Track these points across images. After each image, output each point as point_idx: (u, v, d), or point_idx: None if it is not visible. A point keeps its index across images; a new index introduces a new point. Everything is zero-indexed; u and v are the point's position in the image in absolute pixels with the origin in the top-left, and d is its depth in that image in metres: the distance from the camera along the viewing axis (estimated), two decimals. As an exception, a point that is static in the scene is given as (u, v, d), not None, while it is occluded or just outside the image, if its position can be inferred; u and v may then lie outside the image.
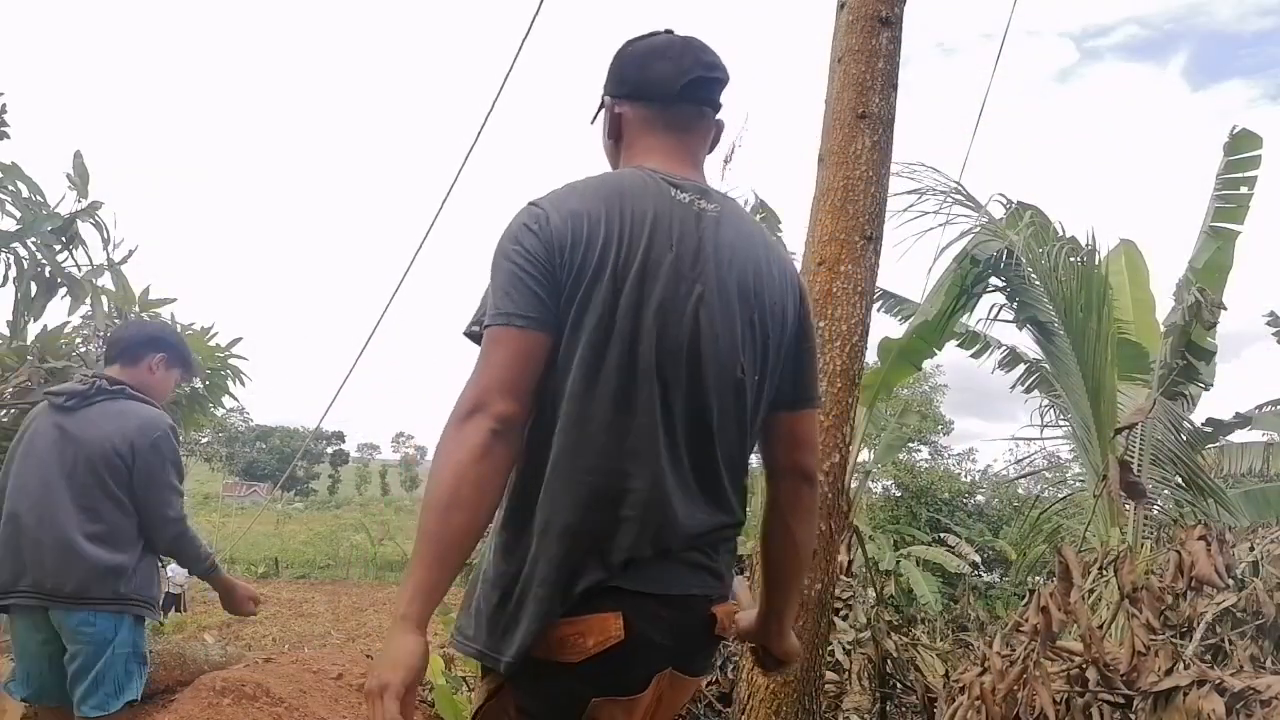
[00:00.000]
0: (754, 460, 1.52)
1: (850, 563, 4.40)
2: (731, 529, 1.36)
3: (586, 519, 1.21)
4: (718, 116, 1.47)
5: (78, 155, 5.16)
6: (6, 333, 5.38)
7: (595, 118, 1.51)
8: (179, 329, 5.94)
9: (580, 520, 1.21)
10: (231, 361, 6.23)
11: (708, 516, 1.31)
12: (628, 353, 1.24)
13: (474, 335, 1.29)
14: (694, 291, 1.28)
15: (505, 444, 1.18)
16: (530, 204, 1.30)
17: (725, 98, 1.46)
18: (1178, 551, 2.83)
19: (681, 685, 1.34)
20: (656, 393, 1.25)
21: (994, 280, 5.96)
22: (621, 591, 1.22)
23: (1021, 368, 7.23)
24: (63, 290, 5.16)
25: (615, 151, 1.47)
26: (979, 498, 19.83)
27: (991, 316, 6.37)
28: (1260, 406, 7.42)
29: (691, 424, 1.28)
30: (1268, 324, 8.15)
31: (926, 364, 7.72)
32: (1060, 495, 8.14)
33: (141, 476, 2.44)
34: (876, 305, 6.60)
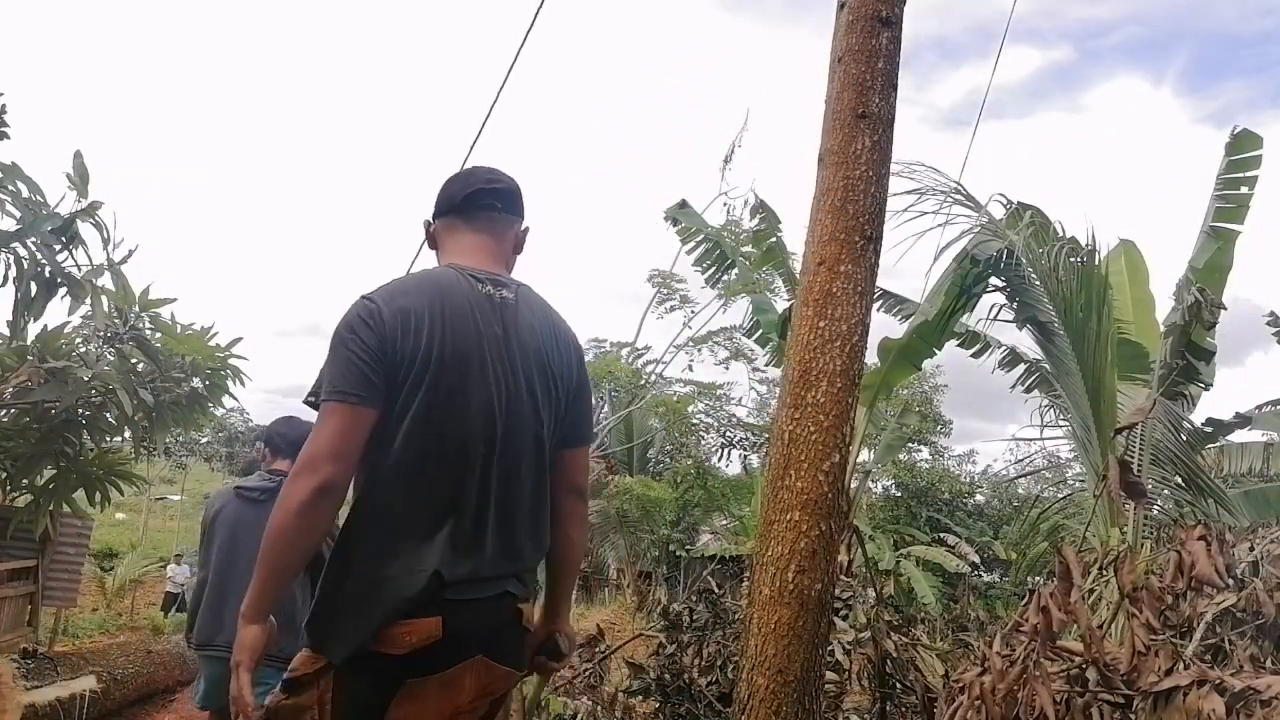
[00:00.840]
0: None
1: (850, 563, 4.40)
2: (538, 555, 1.70)
3: (425, 558, 1.48)
4: (523, 226, 1.83)
5: (78, 155, 5.17)
6: (6, 333, 5.39)
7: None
8: (179, 329, 5.96)
9: (421, 558, 1.48)
10: (231, 361, 6.25)
11: (518, 549, 1.62)
12: (458, 422, 1.53)
13: (313, 405, 1.55)
14: (504, 367, 1.60)
15: (328, 500, 1.46)
16: (364, 299, 1.56)
17: (524, 205, 1.83)
18: (1178, 551, 2.82)
19: (498, 673, 1.60)
20: (481, 453, 1.55)
21: (994, 280, 5.96)
22: (445, 600, 1.49)
23: (1021, 368, 7.23)
24: (63, 290, 5.16)
25: (437, 259, 1.82)
26: (979, 498, 19.82)
27: (991, 316, 6.37)
28: (1260, 406, 7.43)
29: (508, 475, 1.60)
30: (1268, 324, 8.16)
31: (926, 364, 7.71)
32: (1060, 495, 8.15)
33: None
34: (876, 305, 6.61)
